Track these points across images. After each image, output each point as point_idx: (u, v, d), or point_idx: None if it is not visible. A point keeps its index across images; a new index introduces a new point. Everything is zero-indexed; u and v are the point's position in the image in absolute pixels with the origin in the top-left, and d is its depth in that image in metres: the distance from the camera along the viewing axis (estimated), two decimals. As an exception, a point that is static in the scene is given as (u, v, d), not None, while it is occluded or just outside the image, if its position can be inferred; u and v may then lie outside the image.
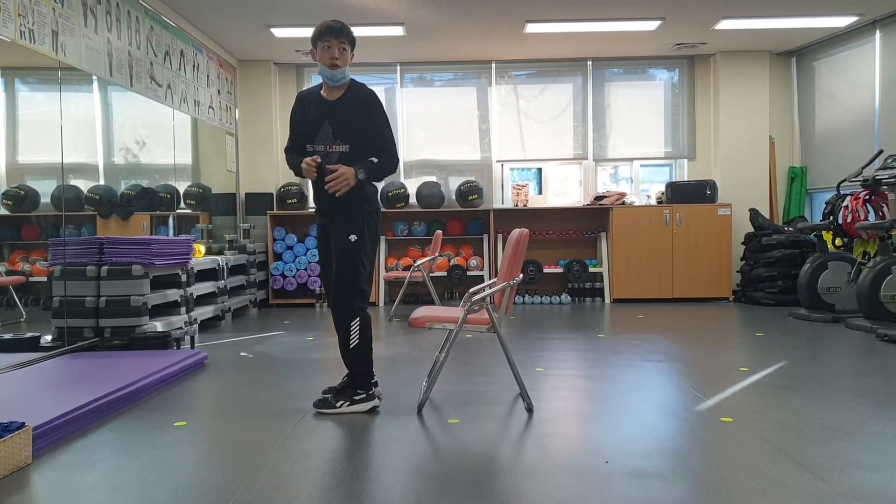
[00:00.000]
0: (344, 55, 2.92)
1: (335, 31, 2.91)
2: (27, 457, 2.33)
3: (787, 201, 7.44)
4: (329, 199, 2.91)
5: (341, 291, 2.93)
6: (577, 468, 2.26)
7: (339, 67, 2.91)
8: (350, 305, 2.92)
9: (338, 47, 2.90)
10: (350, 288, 2.92)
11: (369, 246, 2.98)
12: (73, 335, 4.19)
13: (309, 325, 5.69)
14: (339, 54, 2.91)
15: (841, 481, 2.11)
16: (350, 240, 2.91)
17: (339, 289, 2.93)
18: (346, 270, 2.93)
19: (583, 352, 4.36)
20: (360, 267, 2.93)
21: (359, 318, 2.92)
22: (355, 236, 2.91)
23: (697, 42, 6.88)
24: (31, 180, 4.90)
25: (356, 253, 2.92)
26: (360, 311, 2.94)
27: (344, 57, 2.92)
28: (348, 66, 2.95)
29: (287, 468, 2.30)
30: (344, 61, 2.92)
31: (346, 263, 2.93)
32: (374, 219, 3.02)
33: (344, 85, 2.98)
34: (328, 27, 2.92)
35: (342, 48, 2.92)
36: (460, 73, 7.61)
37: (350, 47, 2.96)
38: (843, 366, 3.81)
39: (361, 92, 2.98)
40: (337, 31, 2.91)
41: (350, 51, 2.96)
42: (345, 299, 2.93)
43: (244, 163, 7.26)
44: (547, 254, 7.32)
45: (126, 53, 4.78)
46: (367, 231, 2.96)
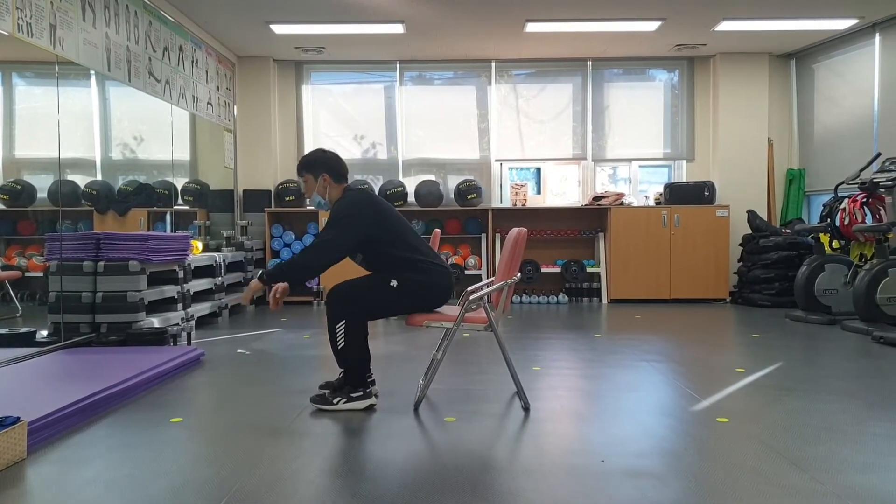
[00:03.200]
0: (307, 185, 3.12)
1: (297, 169, 3.16)
2: (22, 451, 2.33)
3: (785, 203, 7.46)
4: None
5: (341, 295, 2.91)
6: (573, 467, 2.26)
7: (309, 197, 3.15)
8: (340, 309, 2.90)
9: (302, 182, 3.15)
10: (352, 300, 2.90)
11: (403, 302, 2.99)
12: (70, 330, 4.18)
13: (306, 323, 5.68)
14: (304, 187, 3.14)
15: (836, 481, 2.11)
16: (391, 283, 2.95)
17: (341, 293, 2.92)
18: (362, 286, 2.94)
19: (580, 351, 4.36)
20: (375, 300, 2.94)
21: (345, 321, 2.88)
22: (396, 283, 2.95)
23: (697, 43, 6.88)
24: (28, 175, 4.88)
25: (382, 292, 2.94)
26: (349, 317, 2.90)
27: (308, 187, 3.12)
28: (318, 190, 3.10)
29: (283, 465, 2.30)
30: (309, 190, 3.12)
31: (367, 283, 2.96)
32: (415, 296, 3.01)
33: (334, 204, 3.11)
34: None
35: (303, 181, 3.13)
36: (460, 72, 7.60)
37: (308, 174, 3.11)
38: (838, 367, 3.82)
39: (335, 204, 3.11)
40: (298, 169, 3.15)
41: (311, 178, 3.10)
42: (339, 303, 2.91)
43: (242, 159, 7.25)
44: (545, 253, 7.32)
45: (124, 48, 4.77)
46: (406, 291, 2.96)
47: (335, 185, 3.09)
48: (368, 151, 7.56)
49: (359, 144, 7.56)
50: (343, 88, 7.60)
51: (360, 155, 7.55)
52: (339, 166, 3.12)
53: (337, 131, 7.57)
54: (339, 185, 3.10)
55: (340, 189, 3.11)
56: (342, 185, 3.12)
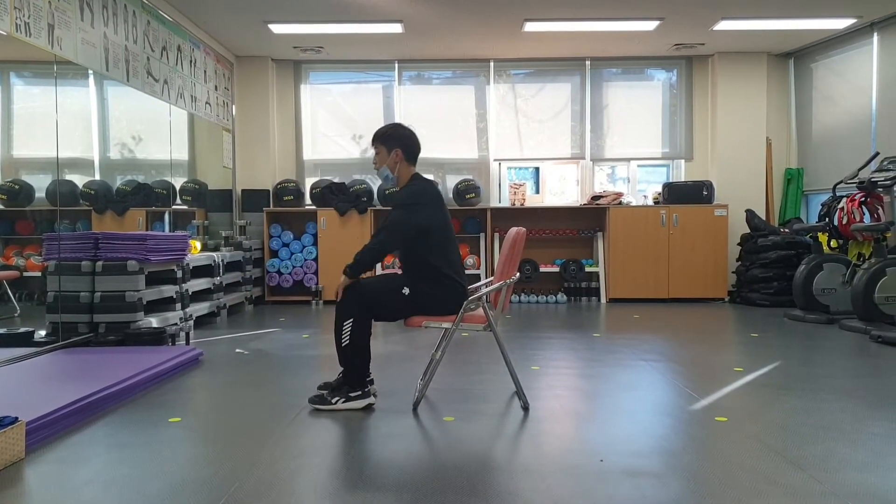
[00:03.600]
0: (378, 157, 3.12)
1: (372, 138, 3.14)
2: (20, 451, 2.32)
3: (784, 203, 7.46)
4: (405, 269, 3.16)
5: (355, 294, 2.92)
6: (572, 467, 2.26)
7: (377, 168, 3.14)
8: (351, 308, 2.91)
9: (374, 152, 3.14)
10: (363, 299, 2.91)
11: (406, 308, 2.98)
12: (68, 330, 4.17)
13: (305, 323, 5.68)
14: (375, 158, 3.14)
15: (834, 480, 2.11)
16: (403, 291, 2.96)
17: (356, 292, 2.92)
18: (374, 288, 2.95)
19: (578, 351, 4.36)
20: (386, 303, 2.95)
21: (353, 319, 2.90)
22: (409, 290, 2.95)
23: (696, 42, 6.89)
24: (26, 175, 4.87)
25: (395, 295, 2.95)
26: (357, 317, 2.91)
27: (379, 158, 3.11)
28: (389, 163, 3.09)
29: (282, 464, 2.30)
30: (380, 161, 3.11)
31: (380, 285, 2.97)
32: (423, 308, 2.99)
33: (401, 183, 3.12)
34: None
35: (376, 152, 3.12)
36: (458, 72, 7.60)
37: (382, 146, 3.10)
38: (837, 366, 3.82)
39: (399, 191, 3.11)
40: (373, 138, 3.14)
41: (384, 150, 3.09)
42: (351, 302, 2.91)
43: (241, 159, 7.24)
44: (543, 253, 7.32)
45: (122, 48, 4.76)
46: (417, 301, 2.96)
47: (405, 163, 3.09)
48: (367, 151, 7.55)
49: (357, 144, 7.55)
50: (342, 88, 7.60)
51: (359, 155, 7.55)
52: (414, 145, 3.12)
53: (336, 131, 7.56)
54: (408, 165, 3.10)
55: (409, 170, 3.11)
56: (412, 166, 3.12)
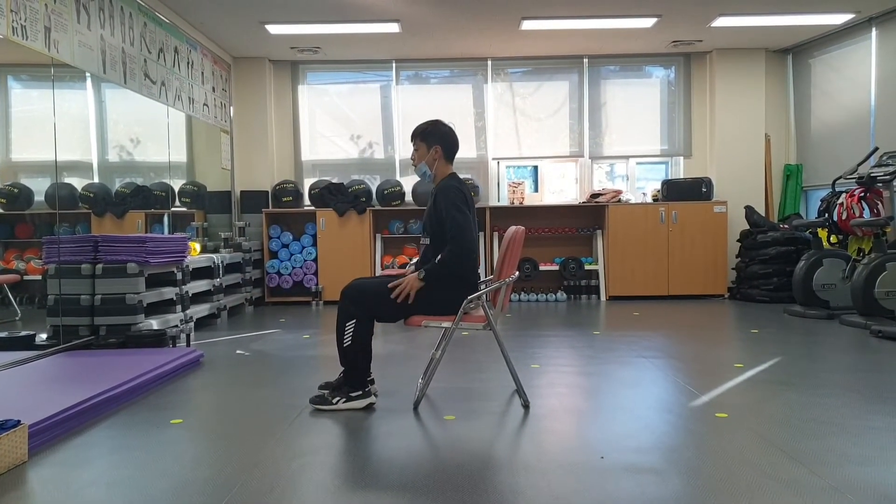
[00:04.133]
0: (417, 154, 3.13)
1: (412, 135, 3.15)
2: (23, 454, 2.33)
3: (783, 199, 7.46)
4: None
5: (355, 294, 2.93)
6: (573, 464, 2.27)
7: (415, 166, 3.15)
8: (353, 309, 2.92)
9: (413, 148, 3.15)
10: (365, 299, 2.92)
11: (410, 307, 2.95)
12: (69, 333, 4.18)
13: (305, 323, 5.68)
14: (414, 154, 3.15)
15: (834, 475, 2.12)
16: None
17: (355, 291, 2.94)
18: (377, 287, 2.95)
19: (578, 349, 4.37)
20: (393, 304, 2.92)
21: (355, 320, 2.91)
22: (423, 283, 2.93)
23: (694, 39, 6.89)
24: (25, 178, 4.88)
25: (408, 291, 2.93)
26: (359, 317, 2.92)
27: (417, 155, 3.12)
28: (427, 160, 3.09)
29: (283, 464, 2.30)
30: (418, 158, 3.12)
31: (387, 286, 2.95)
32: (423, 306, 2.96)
33: (437, 181, 3.10)
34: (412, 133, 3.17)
35: (415, 149, 3.14)
36: (456, 71, 7.60)
37: (422, 143, 3.10)
38: (837, 362, 3.82)
39: (439, 186, 3.06)
40: (412, 135, 3.15)
41: (423, 147, 3.10)
42: (352, 301, 2.93)
43: (239, 160, 7.24)
44: (543, 251, 7.33)
45: (119, 50, 4.76)
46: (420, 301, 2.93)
47: (444, 161, 3.09)
48: (365, 151, 7.56)
49: (355, 144, 7.55)
50: (339, 88, 7.60)
51: (357, 155, 7.55)
52: (453, 143, 3.11)
53: (333, 131, 7.56)
54: (446, 164, 3.10)
55: (447, 168, 3.10)
56: (450, 164, 3.12)
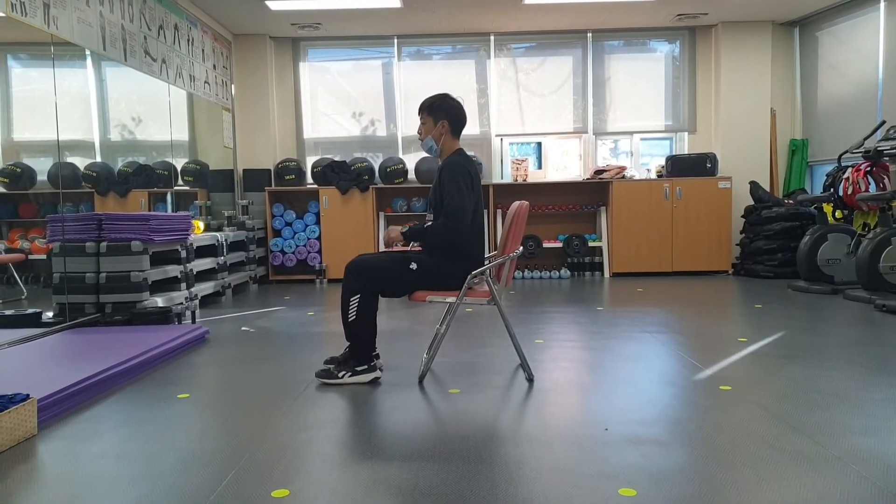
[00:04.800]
0: (425, 127, 3.10)
1: (419, 109, 3.12)
2: (33, 428, 2.36)
3: (788, 174, 7.42)
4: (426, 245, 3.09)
5: (359, 270, 2.94)
6: (577, 436, 2.28)
7: (422, 140, 3.13)
8: (358, 284, 2.93)
9: (420, 122, 3.12)
10: (370, 276, 2.93)
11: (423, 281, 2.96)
12: (75, 311, 4.20)
13: (310, 301, 5.70)
14: (421, 128, 3.12)
15: (838, 445, 2.13)
16: (411, 266, 2.95)
17: (360, 267, 2.95)
18: (381, 263, 2.97)
19: (582, 324, 4.38)
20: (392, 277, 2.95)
21: (360, 294, 2.93)
22: (416, 265, 2.95)
23: (699, 12, 6.79)
24: (27, 158, 4.87)
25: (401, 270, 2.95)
26: (364, 292, 2.94)
27: (425, 129, 3.09)
28: (434, 134, 3.06)
29: (290, 437, 2.32)
30: (425, 132, 3.09)
31: (387, 260, 2.98)
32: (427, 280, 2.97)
33: (444, 156, 3.08)
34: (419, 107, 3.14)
35: (422, 122, 3.11)
36: (459, 46, 7.53)
37: (429, 117, 3.07)
38: (841, 336, 3.83)
39: (444, 162, 3.04)
40: (420, 108, 3.12)
41: (431, 121, 3.06)
42: (356, 277, 2.94)
43: (241, 139, 7.21)
44: (546, 228, 7.31)
45: (119, 27, 4.72)
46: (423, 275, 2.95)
47: (450, 136, 3.07)
48: (367, 128, 7.52)
49: (357, 122, 7.51)
50: (340, 65, 7.54)
51: (360, 132, 7.51)
52: (460, 118, 3.09)
53: (335, 109, 7.52)
54: (453, 139, 3.08)
55: (454, 143, 3.08)
56: (456, 140, 3.10)
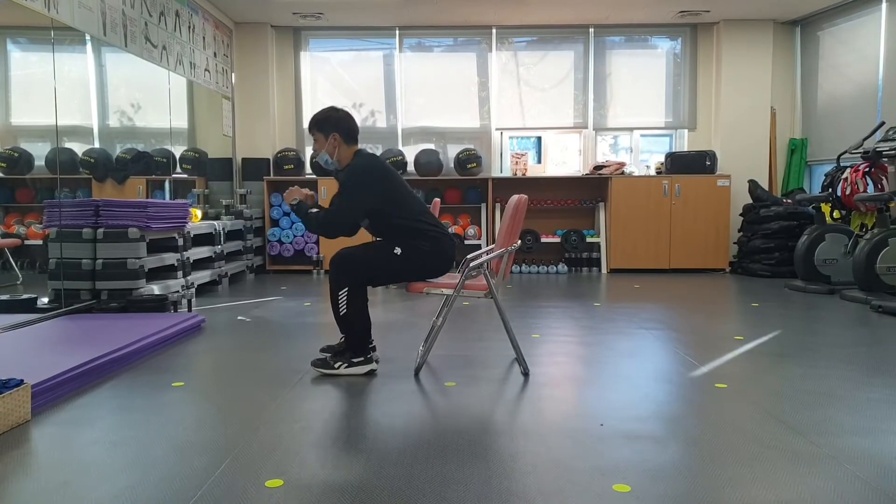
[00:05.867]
0: (318, 144, 3.08)
1: (308, 127, 3.13)
2: (26, 413, 2.35)
3: (787, 173, 7.42)
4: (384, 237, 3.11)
5: (345, 263, 2.93)
6: (573, 430, 2.28)
7: (317, 155, 3.13)
8: (343, 277, 2.92)
9: (314, 141, 3.11)
10: (355, 267, 2.93)
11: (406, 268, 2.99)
12: (70, 297, 4.19)
13: (306, 291, 5.69)
14: (314, 146, 3.11)
15: (832, 444, 2.13)
16: (395, 250, 2.96)
17: (345, 260, 2.94)
18: (365, 254, 2.97)
19: (579, 319, 4.38)
20: (380, 265, 2.96)
21: (348, 288, 2.91)
22: (400, 251, 2.96)
23: (701, 10, 6.78)
24: (25, 143, 4.84)
25: (388, 256, 2.96)
26: (351, 284, 2.93)
27: (319, 146, 3.08)
28: (327, 149, 3.05)
29: (285, 427, 2.32)
30: (320, 148, 3.08)
31: (370, 250, 2.99)
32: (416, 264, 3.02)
33: (344, 164, 3.08)
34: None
35: (315, 140, 3.10)
36: (460, 39, 7.50)
37: (319, 133, 3.06)
38: (837, 336, 3.84)
39: (344, 170, 3.05)
40: (309, 127, 3.13)
41: (321, 137, 3.06)
42: (342, 270, 2.93)
43: (241, 127, 7.19)
44: (545, 223, 7.31)
45: (120, 12, 4.69)
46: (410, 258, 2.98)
47: (345, 145, 3.06)
48: (367, 120, 7.50)
49: (358, 112, 7.49)
50: (341, 56, 7.51)
51: (360, 123, 7.43)
52: (350, 126, 3.08)
53: (335, 99, 7.48)
54: (349, 147, 3.07)
55: (351, 151, 3.07)
56: (353, 146, 3.09)
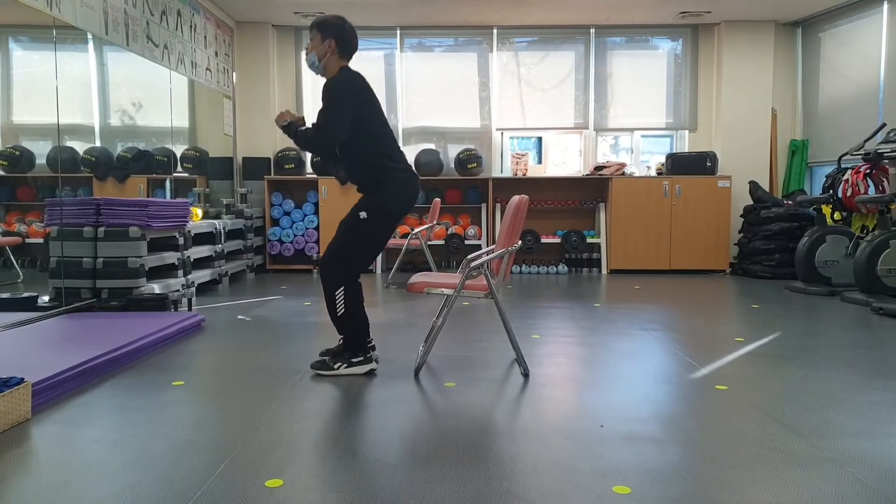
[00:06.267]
0: (312, 43, 3.02)
1: (310, 27, 3.07)
2: (27, 412, 2.35)
3: (788, 174, 7.42)
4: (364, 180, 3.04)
5: (331, 261, 2.94)
6: (573, 431, 2.28)
7: (307, 54, 3.05)
8: (335, 275, 2.93)
9: (309, 39, 3.06)
10: (340, 261, 2.93)
11: (379, 227, 2.98)
12: (71, 296, 4.19)
13: (306, 291, 5.69)
14: (309, 44, 3.05)
15: (833, 447, 2.13)
16: (360, 216, 2.94)
17: (330, 258, 2.95)
18: (343, 242, 2.95)
19: (579, 320, 4.38)
20: (358, 244, 2.95)
21: (343, 286, 2.92)
22: (365, 214, 2.94)
23: (702, 10, 6.77)
24: (27, 141, 4.84)
25: (360, 228, 2.94)
26: (345, 281, 2.93)
27: (311, 45, 3.02)
28: (318, 52, 3.00)
29: (285, 427, 2.32)
30: (311, 48, 3.01)
31: (345, 236, 2.96)
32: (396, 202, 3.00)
33: (328, 75, 3.02)
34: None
35: (311, 38, 3.04)
36: (461, 39, 7.50)
37: (318, 34, 3.00)
38: (837, 338, 3.83)
39: (326, 83, 2.99)
40: (310, 27, 3.06)
41: (318, 38, 3.00)
42: (332, 268, 2.94)
43: (241, 126, 7.19)
44: (545, 224, 7.31)
45: (122, 11, 4.69)
46: (380, 212, 2.97)
47: (336, 56, 3.01)
48: (369, 119, 7.49)
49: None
50: (343, 55, 7.50)
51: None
52: (350, 41, 3.03)
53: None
54: (339, 59, 3.02)
55: (339, 65, 3.02)
56: (343, 61, 3.04)
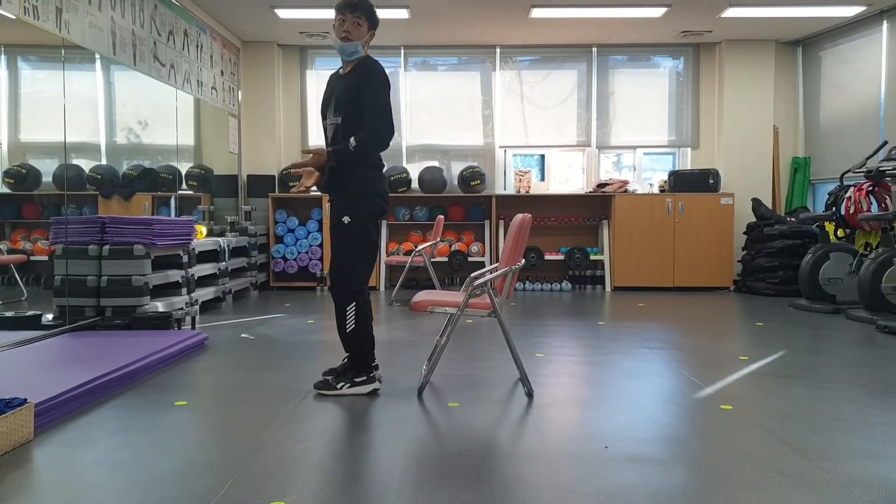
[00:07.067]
0: (357, 30, 2.92)
1: (350, 5, 2.92)
2: (29, 433, 2.35)
3: (790, 192, 7.43)
4: (329, 180, 2.98)
5: (337, 276, 2.96)
6: (577, 453, 2.27)
7: (350, 41, 2.91)
8: (346, 290, 2.93)
9: (351, 21, 2.91)
10: (344, 272, 2.94)
11: (365, 228, 2.93)
12: (75, 314, 4.20)
13: (310, 308, 5.69)
14: (352, 28, 2.91)
15: (839, 469, 2.12)
16: (343, 221, 2.92)
17: (335, 273, 2.96)
18: (340, 253, 2.95)
19: (583, 338, 4.37)
20: (353, 250, 2.93)
21: (355, 302, 2.92)
22: (349, 218, 2.91)
23: (703, 30, 6.83)
24: (33, 159, 4.88)
25: (349, 235, 2.92)
26: (357, 296, 2.93)
27: (357, 31, 2.92)
28: (363, 40, 2.94)
29: (287, 448, 2.31)
30: (357, 35, 2.92)
31: (340, 247, 2.96)
32: (373, 201, 2.95)
33: (357, 60, 2.96)
34: (344, 2, 2.93)
35: (356, 23, 2.92)
36: (464, 58, 7.56)
37: (366, 22, 2.94)
38: (842, 356, 3.82)
39: (366, 65, 2.94)
40: (352, 5, 2.92)
41: (366, 26, 2.94)
42: (340, 284, 2.94)
43: (246, 144, 7.23)
44: (548, 241, 7.32)
45: (129, 32, 4.75)
46: (361, 213, 2.92)
47: (368, 45, 3.00)
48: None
49: (363, 130, 7.52)
50: (347, 74, 7.56)
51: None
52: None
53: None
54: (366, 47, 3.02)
55: (365, 53, 3.00)
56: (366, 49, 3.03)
